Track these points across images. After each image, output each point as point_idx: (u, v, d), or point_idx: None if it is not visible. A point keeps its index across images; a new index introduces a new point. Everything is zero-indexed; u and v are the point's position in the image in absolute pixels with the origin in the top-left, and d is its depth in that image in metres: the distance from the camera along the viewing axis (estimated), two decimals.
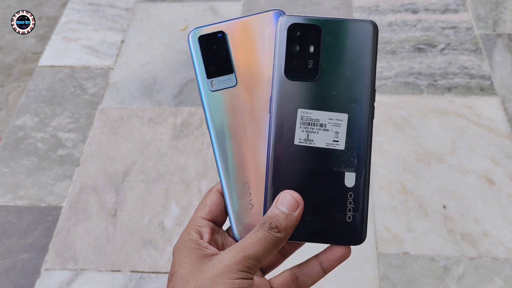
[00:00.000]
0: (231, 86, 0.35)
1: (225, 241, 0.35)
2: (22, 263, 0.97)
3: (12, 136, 1.18)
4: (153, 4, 1.49)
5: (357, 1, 1.44)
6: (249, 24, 0.35)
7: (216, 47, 0.35)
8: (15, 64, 1.41)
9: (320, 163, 0.33)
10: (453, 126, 1.13)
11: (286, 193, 0.32)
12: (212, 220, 0.34)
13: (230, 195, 0.34)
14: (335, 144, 0.33)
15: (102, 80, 1.29)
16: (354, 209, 0.33)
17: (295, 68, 0.33)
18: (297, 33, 0.33)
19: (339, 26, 0.33)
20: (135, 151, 1.13)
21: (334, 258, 0.33)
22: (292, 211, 0.32)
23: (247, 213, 0.34)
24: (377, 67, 1.41)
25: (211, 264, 0.30)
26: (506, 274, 0.90)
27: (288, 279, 0.34)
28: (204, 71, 0.35)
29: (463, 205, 1.00)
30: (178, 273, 0.31)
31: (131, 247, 0.98)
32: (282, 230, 0.31)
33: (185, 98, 1.23)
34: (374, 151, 1.09)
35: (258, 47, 0.35)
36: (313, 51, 0.33)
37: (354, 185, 0.33)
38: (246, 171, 0.34)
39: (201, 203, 0.35)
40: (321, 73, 0.33)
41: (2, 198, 1.07)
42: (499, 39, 1.31)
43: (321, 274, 0.34)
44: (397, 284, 0.90)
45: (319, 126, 0.33)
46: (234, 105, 0.34)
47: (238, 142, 0.34)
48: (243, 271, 0.29)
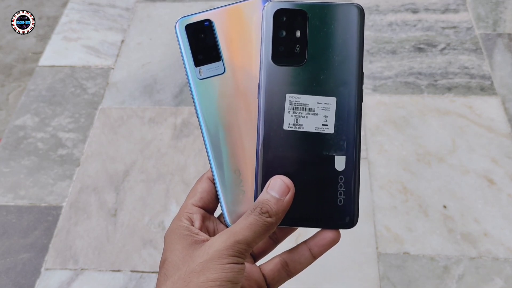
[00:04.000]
0: (219, 74, 0.35)
1: (217, 228, 0.35)
2: (22, 263, 0.97)
3: (12, 136, 1.18)
4: (153, 4, 1.49)
5: (357, 1, 1.44)
6: (235, 12, 0.35)
7: (203, 35, 0.35)
8: (15, 64, 1.41)
9: (310, 148, 0.33)
10: (453, 126, 1.13)
11: (276, 178, 0.32)
12: (203, 207, 0.34)
13: (222, 182, 0.34)
14: (324, 128, 0.33)
15: (103, 80, 1.29)
16: (345, 193, 0.33)
17: (282, 54, 0.33)
18: (283, 19, 0.33)
19: (325, 11, 0.33)
20: (135, 151, 1.13)
21: (324, 243, 0.33)
22: (283, 196, 0.32)
23: (239, 199, 0.34)
24: (377, 67, 1.41)
25: (201, 250, 0.30)
26: (507, 274, 0.90)
27: (278, 265, 0.34)
28: (192, 60, 0.35)
29: (463, 205, 1.00)
30: (169, 259, 0.31)
31: (131, 247, 0.98)
32: (273, 215, 0.31)
33: (185, 98, 1.23)
34: (375, 151, 1.09)
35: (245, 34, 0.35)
36: (300, 36, 0.33)
37: (344, 169, 0.33)
38: (237, 158, 0.34)
39: (191, 190, 0.35)
40: (308, 57, 0.33)
41: (2, 198, 1.07)
42: (499, 39, 1.31)
43: (311, 260, 0.34)
44: (397, 284, 0.90)
45: (308, 110, 0.33)
46: (222, 92, 0.34)
47: (228, 129, 0.34)
48: (233, 256, 0.29)
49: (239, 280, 0.29)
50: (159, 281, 0.31)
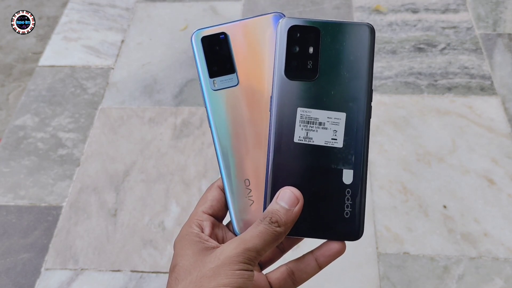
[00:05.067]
0: (232, 86, 0.35)
1: (225, 236, 0.36)
2: (22, 263, 0.97)
3: (12, 136, 1.18)
4: (153, 4, 1.49)
5: (357, 1, 1.44)
6: (250, 26, 0.36)
7: (218, 47, 0.35)
8: (16, 64, 1.41)
9: (319, 161, 0.34)
10: (453, 126, 1.13)
11: (286, 189, 0.33)
12: (213, 215, 0.35)
13: (231, 191, 0.35)
14: (334, 142, 0.34)
15: (103, 80, 1.29)
16: (351, 206, 0.34)
17: (295, 68, 0.34)
18: (297, 35, 0.34)
19: (337, 29, 0.34)
20: (135, 151, 1.13)
21: (329, 254, 0.34)
22: (292, 206, 0.32)
23: (247, 209, 0.35)
24: (377, 67, 1.41)
25: (212, 256, 0.31)
26: (507, 274, 0.90)
27: (284, 274, 0.35)
28: (206, 71, 0.35)
29: (464, 205, 1.00)
30: (180, 264, 0.32)
31: (131, 247, 0.98)
32: (282, 225, 0.32)
33: (185, 98, 1.23)
34: (375, 151, 1.09)
35: (259, 48, 0.36)
36: (312, 52, 0.34)
37: (351, 182, 0.34)
38: (247, 168, 0.35)
39: (202, 198, 0.36)
40: (320, 73, 0.34)
41: (2, 198, 1.07)
42: (499, 39, 1.31)
43: (316, 270, 0.35)
44: (397, 284, 0.90)
45: (318, 124, 0.34)
46: (235, 104, 0.35)
47: (239, 139, 0.35)
48: (244, 262, 0.30)
49: (248, 286, 0.30)
50: (169, 284, 0.31)
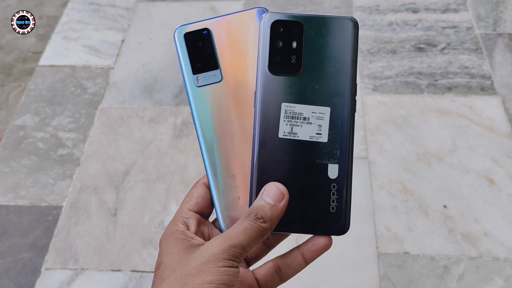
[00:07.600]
0: (216, 82, 0.35)
1: (212, 233, 0.35)
2: (22, 263, 0.97)
3: (12, 136, 1.18)
4: (154, 4, 1.49)
5: (357, 1, 1.44)
6: (233, 22, 0.36)
7: (201, 43, 0.35)
8: (16, 63, 1.41)
9: (304, 156, 0.34)
10: (453, 125, 1.13)
11: (271, 185, 0.33)
12: (198, 212, 0.35)
13: (217, 187, 0.35)
14: (318, 136, 0.34)
15: (103, 79, 1.29)
16: (337, 200, 0.34)
17: (278, 63, 0.34)
18: (280, 30, 0.34)
19: (321, 23, 0.34)
20: (136, 151, 1.13)
21: (316, 249, 0.34)
22: (277, 202, 0.32)
23: (233, 205, 0.35)
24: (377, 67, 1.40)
25: (197, 253, 0.31)
26: (507, 273, 0.90)
27: (271, 270, 0.35)
28: (190, 67, 0.35)
29: (464, 204, 1.00)
30: (165, 262, 0.31)
31: (132, 247, 0.98)
32: (267, 221, 0.32)
33: (185, 98, 1.23)
34: (375, 151, 1.09)
35: (242, 44, 0.35)
36: (296, 47, 0.34)
37: (337, 177, 0.34)
38: (232, 165, 0.35)
39: (187, 195, 0.36)
40: (303, 68, 0.34)
41: (2, 197, 1.07)
42: (500, 38, 1.31)
43: (303, 265, 0.35)
44: (397, 283, 0.90)
45: (303, 119, 0.34)
46: (219, 100, 0.35)
47: (224, 136, 0.35)
48: (229, 259, 0.30)
49: (233, 283, 0.30)
50: (154, 283, 0.31)
